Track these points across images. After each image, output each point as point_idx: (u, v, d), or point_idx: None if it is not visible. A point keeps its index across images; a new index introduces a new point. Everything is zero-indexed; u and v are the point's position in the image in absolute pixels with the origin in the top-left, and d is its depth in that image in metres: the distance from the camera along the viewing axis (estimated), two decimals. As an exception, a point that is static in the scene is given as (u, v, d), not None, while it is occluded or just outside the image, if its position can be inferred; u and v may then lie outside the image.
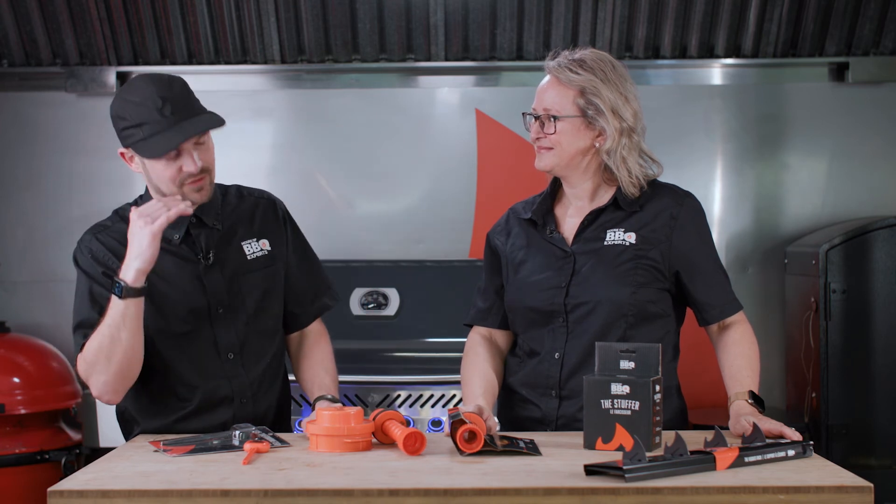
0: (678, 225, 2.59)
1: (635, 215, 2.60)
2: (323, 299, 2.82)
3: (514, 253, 2.70)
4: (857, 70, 4.61)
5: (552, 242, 2.65)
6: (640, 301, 2.56)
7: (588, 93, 2.55)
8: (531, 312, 2.64)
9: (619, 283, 2.56)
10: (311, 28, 4.55)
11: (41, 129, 4.71)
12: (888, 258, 4.16)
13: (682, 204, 2.62)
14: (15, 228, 4.74)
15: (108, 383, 2.51)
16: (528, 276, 2.65)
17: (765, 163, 4.73)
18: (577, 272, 2.59)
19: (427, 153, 4.73)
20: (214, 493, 1.98)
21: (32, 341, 4.36)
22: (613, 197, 2.61)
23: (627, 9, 4.50)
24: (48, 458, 4.14)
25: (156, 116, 2.50)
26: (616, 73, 2.58)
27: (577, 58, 2.58)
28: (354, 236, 4.68)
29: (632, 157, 2.58)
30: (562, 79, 2.58)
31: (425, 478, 2.06)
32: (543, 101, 2.60)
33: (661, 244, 2.58)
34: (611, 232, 2.60)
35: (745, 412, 2.42)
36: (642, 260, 2.56)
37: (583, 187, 2.64)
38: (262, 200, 2.78)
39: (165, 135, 2.50)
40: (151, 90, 2.52)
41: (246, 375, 2.65)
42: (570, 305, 2.58)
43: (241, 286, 2.65)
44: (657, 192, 2.63)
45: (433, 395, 3.72)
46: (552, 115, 2.57)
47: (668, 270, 2.58)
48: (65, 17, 4.51)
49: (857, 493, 1.97)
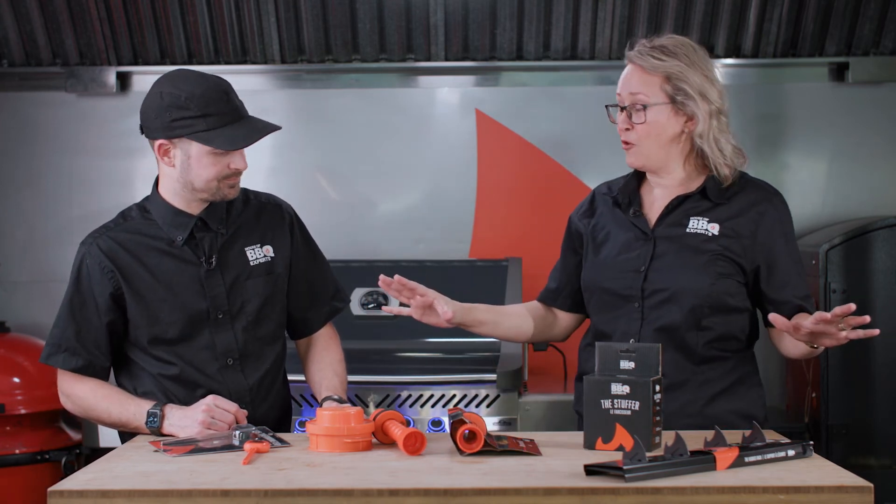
0: (764, 221, 2.56)
1: (721, 207, 2.57)
2: (332, 303, 2.82)
3: (597, 232, 2.68)
4: (857, 70, 4.61)
5: (635, 223, 2.62)
6: (719, 293, 2.53)
7: (675, 78, 2.54)
8: (606, 294, 2.62)
9: (698, 272, 2.53)
10: (311, 28, 4.55)
11: (41, 129, 4.71)
12: (888, 258, 4.16)
13: (771, 201, 2.59)
14: (15, 228, 4.74)
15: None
16: (607, 257, 2.63)
17: (765, 163, 4.72)
18: (657, 257, 2.57)
19: (427, 153, 4.73)
20: (214, 493, 1.98)
21: (32, 341, 4.35)
22: (702, 186, 2.59)
23: (627, 9, 4.50)
24: (48, 458, 4.13)
25: (222, 108, 2.51)
26: (699, 56, 2.57)
27: (658, 44, 2.57)
28: (354, 236, 4.68)
29: (724, 138, 2.57)
30: (646, 67, 2.55)
31: (425, 478, 2.06)
32: (628, 90, 2.57)
33: (745, 238, 2.55)
34: (694, 220, 2.57)
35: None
36: (724, 251, 2.54)
37: (672, 176, 2.62)
38: (269, 205, 2.76)
39: (236, 127, 2.51)
40: (210, 82, 2.54)
41: (245, 381, 2.65)
42: (647, 291, 2.56)
43: (242, 292, 2.64)
44: (746, 187, 2.60)
45: (433, 395, 3.72)
46: (641, 104, 2.55)
47: (749, 265, 2.56)
48: (65, 17, 4.51)
49: (857, 493, 1.97)
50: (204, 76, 2.56)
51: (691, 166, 2.61)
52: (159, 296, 2.59)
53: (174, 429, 2.48)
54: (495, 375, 3.71)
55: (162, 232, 2.62)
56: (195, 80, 2.55)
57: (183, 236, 2.61)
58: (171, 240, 2.61)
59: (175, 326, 2.60)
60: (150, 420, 2.50)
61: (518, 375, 3.75)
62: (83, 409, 2.63)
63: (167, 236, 2.61)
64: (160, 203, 2.63)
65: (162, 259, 2.60)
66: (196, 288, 2.60)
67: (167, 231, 2.62)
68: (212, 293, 2.61)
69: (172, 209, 2.62)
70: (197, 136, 2.51)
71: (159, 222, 2.63)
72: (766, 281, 2.55)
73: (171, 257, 2.61)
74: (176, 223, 2.61)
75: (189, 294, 2.60)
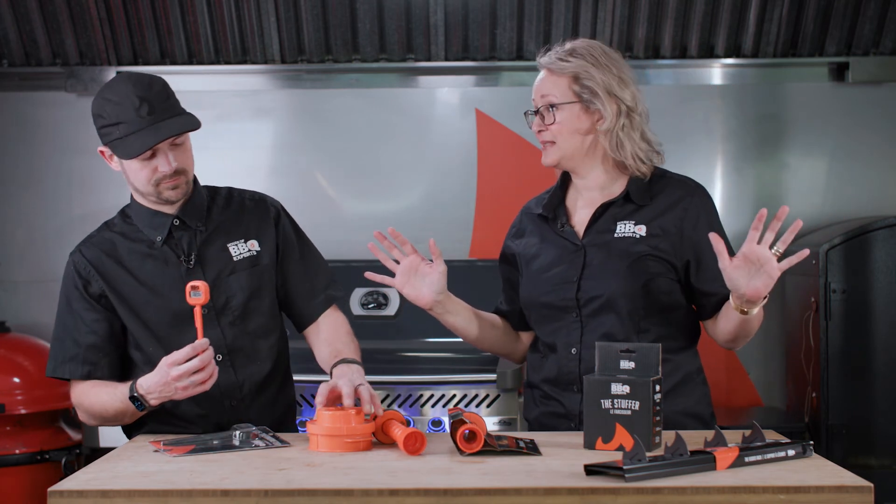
0: (689, 216, 2.58)
1: (646, 208, 2.60)
2: (328, 292, 2.81)
3: (528, 250, 2.71)
4: (857, 70, 4.61)
5: (563, 236, 2.65)
6: (653, 292, 2.56)
7: (581, 77, 2.58)
8: (545, 308, 2.65)
9: (629, 275, 2.55)
10: (311, 28, 4.55)
11: (41, 128, 4.72)
12: (888, 258, 4.16)
13: (693, 195, 2.61)
14: (15, 228, 4.75)
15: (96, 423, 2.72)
16: (540, 272, 2.66)
17: (765, 163, 4.73)
18: (588, 265, 2.59)
19: (427, 153, 4.73)
20: (214, 493, 1.98)
21: (32, 341, 4.36)
22: (625, 190, 2.61)
23: (627, 9, 4.50)
24: (48, 458, 4.14)
25: (132, 116, 2.51)
26: (608, 57, 2.61)
27: (568, 48, 2.62)
28: (354, 236, 4.66)
29: (632, 137, 2.59)
30: (554, 69, 2.61)
31: (425, 478, 2.06)
32: (540, 93, 2.63)
33: (672, 235, 2.57)
34: (621, 224, 2.60)
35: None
36: (653, 251, 2.56)
37: (591, 177, 2.65)
38: (252, 201, 2.77)
39: (140, 135, 2.51)
40: (129, 90, 2.52)
41: (235, 377, 2.65)
42: (582, 300, 2.59)
43: (226, 288, 2.65)
44: (668, 185, 2.63)
45: (433, 395, 3.72)
46: (550, 105, 2.60)
47: (679, 262, 2.58)
48: (65, 17, 4.51)
49: (857, 493, 1.97)
50: (130, 82, 2.54)
51: (611, 166, 2.64)
52: (143, 298, 2.62)
53: (159, 397, 2.49)
54: (495, 375, 3.71)
55: (142, 235, 2.65)
56: (117, 87, 2.54)
57: (162, 236, 2.64)
58: (151, 241, 2.63)
59: (162, 326, 2.62)
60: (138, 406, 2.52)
61: (518, 375, 3.75)
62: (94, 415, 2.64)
63: (147, 238, 2.64)
64: (137, 207, 2.67)
65: (144, 261, 2.62)
66: (179, 287, 2.61)
67: (147, 233, 2.65)
68: None
69: (149, 211, 2.65)
70: (111, 144, 2.55)
71: (139, 225, 2.66)
72: (696, 275, 2.58)
73: (152, 259, 2.64)
74: (154, 224, 2.64)
75: (172, 294, 2.61)
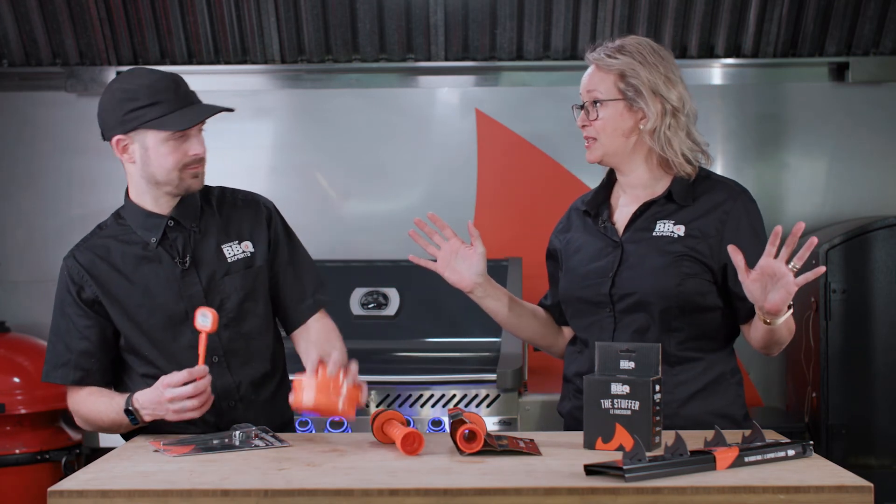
0: (730, 220, 2.57)
1: (687, 209, 2.59)
2: (315, 296, 2.80)
3: (571, 245, 2.73)
4: (857, 70, 4.61)
5: (603, 232, 2.66)
6: (687, 293, 2.54)
7: (627, 75, 2.58)
8: (580, 303, 2.66)
9: (664, 274, 2.55)
10: (311, 28, 4.55)
11: (41, 129, 4.72)
12: (888, 258, 4.16)
13: (736, 200, 2.60)
14: (15, 228, 4.75)
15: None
16: (579, 267, 2.67)
17: (765, 162, 4.73)
18: (624, 262, 2.60)
19: (427, 153, 4.73)
20: (214, 493, 1.98)
21: (32, 341, 4.36)
22: (668, 189, 2.61)
23: (627, 9, 4.50)
24: (48, 458, 4.13)
25: (171, 96, 2.55)
26: (656, 56, 2.61)
27: (616, 45, 2.62)
28: (354, 236, 4.68)
29: (678, 138, 2.59)
30: (601, 65, 2.61)
31: (425, 478, 2.06)
32: (586, 88, 2.63)
33: (711, 238, 2.56)
34: (660, 223, 2.60)
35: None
36: (689, 252, 2.55)
37: (635, 175, 2.65)
38: (245, 202, 2.76)
39: (185, 112, 2.55)
40: (159, 75, 2.58)
41: (231, 378, 2.64)
42: (616, 296, 2.59)
43: (221, 289, 2.64)
44: (712, 187, 2.62)
45: (433, 395, 3.72)
46: (595, 100, 2.60)
47: (717, 265, 2.56)
48: (65, 17, 4.51)
49: (857, 492, 1.97)
50: (153, 70, 2.61)
51: (654, 165, 2.64)
52: (137, 301, 2.61)
53: (153, 414, 2.52)
54: (495, 375, 3.71)
55: (136, 236, 2.64)
56: (143, 73, 2.60)
57: (156, 237, 2.62)
58: (145, 243, 2.62)
59: (156, 329, 2.61)
60: (132, 419, 2.54)
61: (518, 375, 3.75)
62: (90, 422, 2.66)
63: (142, 240, 2.63)
64: (132, 207, 2.66)
65: (138, 263, 2.62)
66: (174, 288, 2.61)
67: (141, 234, 2.63)
68: (188, 292, 2.61)
69: (144, 212, 2.64)
70: (149, 124, 2.54)
71: (133, 226, 2.65)
72: (733, 279, 2.55)
73: (147, 261, 2.63)
74: (148, 225, 2.63)
75: (167, 295, 2.61)
